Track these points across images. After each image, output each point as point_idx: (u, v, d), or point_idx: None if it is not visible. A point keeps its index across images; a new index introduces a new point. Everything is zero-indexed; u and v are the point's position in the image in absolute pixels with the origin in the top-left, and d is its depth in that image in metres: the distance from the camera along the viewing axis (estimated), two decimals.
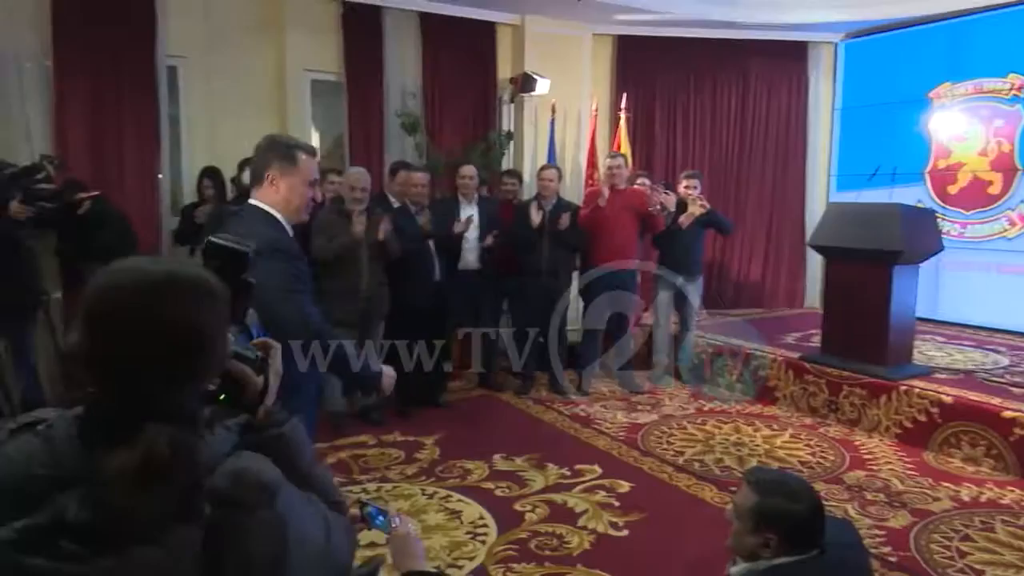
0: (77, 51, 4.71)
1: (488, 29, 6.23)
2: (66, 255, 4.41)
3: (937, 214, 6.08)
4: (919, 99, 6.76)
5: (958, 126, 6.52)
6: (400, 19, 5.78)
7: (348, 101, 5.69)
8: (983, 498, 3.60)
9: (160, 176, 5.09)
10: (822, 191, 7.50)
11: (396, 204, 4.90)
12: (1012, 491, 3.67)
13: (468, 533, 3.19)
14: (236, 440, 0.98)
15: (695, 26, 6.69)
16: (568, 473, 3.87)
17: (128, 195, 4.87)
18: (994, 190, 6.32)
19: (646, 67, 6.91)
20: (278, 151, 2.15)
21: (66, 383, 4.12)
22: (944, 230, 6.08)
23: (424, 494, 3.59)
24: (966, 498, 3.60)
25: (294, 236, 2.25)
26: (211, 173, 4.92)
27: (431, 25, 5.91)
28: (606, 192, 5.15)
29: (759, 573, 1.63)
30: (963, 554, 3.02)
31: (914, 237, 4.54)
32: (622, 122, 6.42)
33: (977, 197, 6.43)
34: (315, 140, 6.15)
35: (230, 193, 4.89)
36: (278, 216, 2.14)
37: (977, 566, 2.92)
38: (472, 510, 3.42)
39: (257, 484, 0.86)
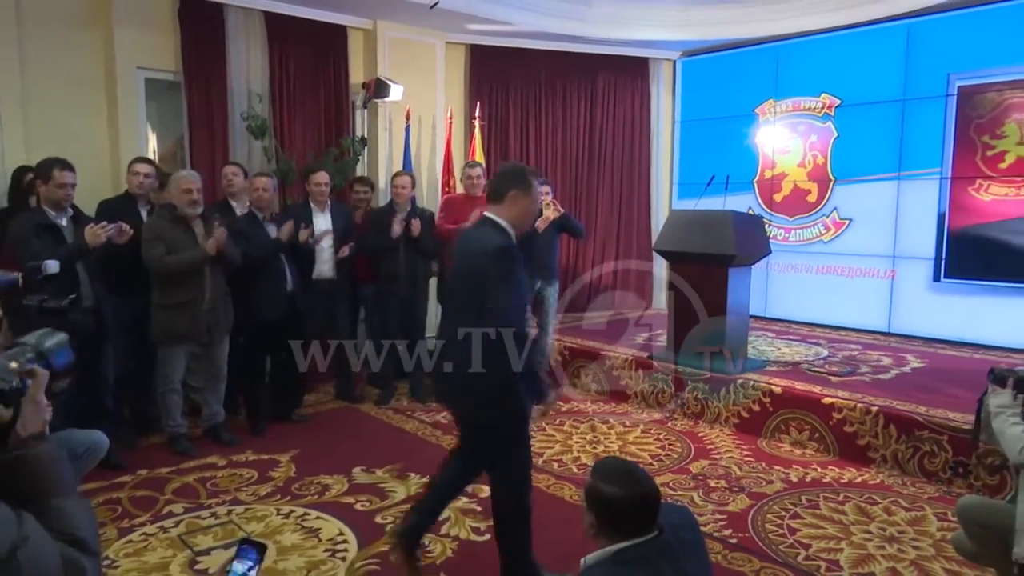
0: None
1: (339, 32, 6.09)
2: None
3: (765, 220, 6.65)
4: (748, 114, 7.36)
5: (781, 140, 7.16)
6: (243, 17, 5.51)
7: (187, 102, 5.35)
8: (808, 478, 3.96)
9: None
10: (666, 198, 7.98)
11: (242, 211, 4.67)
12: (832, 470, 4.07)
13: (327, 551, 3.09)
14: None
15: (545, 39, 6.91)
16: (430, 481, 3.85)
17: None
18: (812, 199, 6.99)
19: (499, 76, 7.04)
20: (521, 177, 2.67)
21: None
22: (771, 235, 6.66)
23: (279, 514, 3.44)
24: (795, 479, 3.94)
25: None
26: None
27: (278, 25, 5.69)
28: (475, 216, 5.12)
29: (606, 557, 1.72)
30: (793, 531, 3.31)
31: (745, 242, 4.93)
32: (477, 130, 6.49)
33: (798, 205, 7.08)
34: (152, 142, 5.75)
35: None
36: (508, 228, 2.63)
37: (805, 540, 3.21)
38: (331, 527, 3.32)
39: None
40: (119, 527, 3.27)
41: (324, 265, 4.97)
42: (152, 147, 5.80)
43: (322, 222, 4.98)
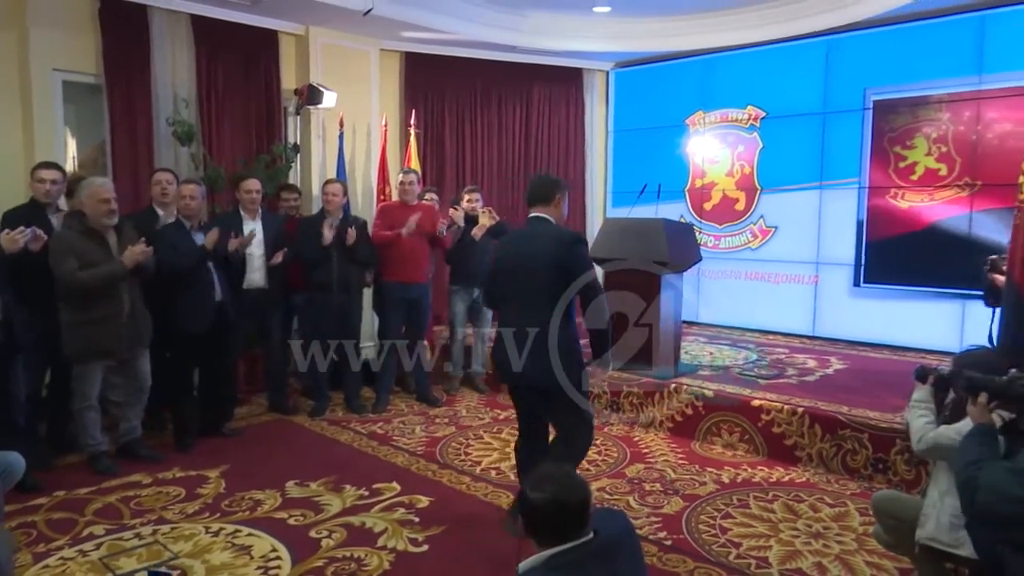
0: None
1: (270, 37, 5.97)
2: None
3: (696, 228, 6.82)
4: (678, 125, 7.55)
5: (710, 150, 7.38)
6: (169, 20, 5.34)
7: (109, 106, 5.15)
8: (739, 479, 4.07)
9: None
10: (600, 206, 8.11)
11: (170, 219, 4.51)
12: (762, 470, 4.19)
13: (259, 568, 3.00)
14: None
15: (480, 48, 6.94)
16: (366, 493, 3.79)
17: None
18: (740, 207, 7.22)
19: (434, 84, 7.03)
20: (562, 184, 3.29)
21: None
22: (702, 242, 6.84)
23: (208, 532, 3.33)
24: (726, 480, 4.04)
25: None
26: None
27: (205, 29, 5.54)
28: (413, 224, 5.13)
29: (539, 563, 1.73)
30: (725, 530, 3.39)
31: (677, 249, 5.05)
32: (412, 138, 6.46)
33: (727, 213, 7.30)
34: (71, 147, 5.52)
35: None
36: (556, 223, 3.22)
37: (736, 539, 3.30)
38: (263, 543, 3.23)
39: None
40: (34, 552, 3.11)
41: (255, 274, 4.85)
42: (71, 153, 5.56)
43: (251, 229, 4.87)
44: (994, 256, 3.66)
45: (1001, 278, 3.39)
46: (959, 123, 5.82)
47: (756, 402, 4.51)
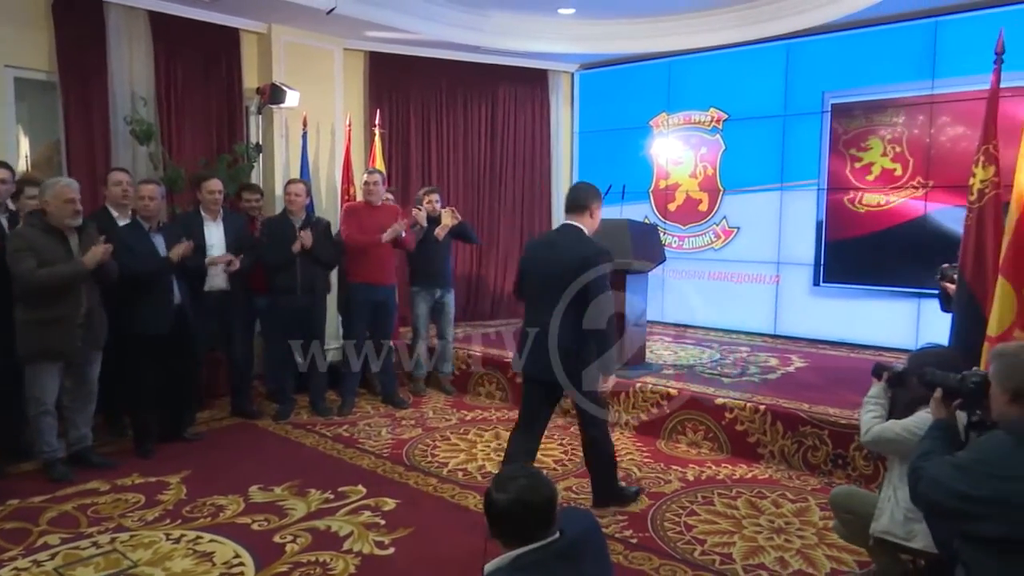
0: None
1: (231, 35, 5.88)
2: None
3: (660, 228, 6.90)
4: (643, 126, 7.62)
5: (674, 151, 7.46)
6: (126, 16, 5.22)
7: (64, 104, 5.02)
8: (704, 476, 4.12)
9: None
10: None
11: (124, 221, 4.41)
12: (726, 467, 4.25)
13: (222, 575, 2.95)
14: None
15: (445, 48, 6.92)
16: (332, 497, 3.76)
17: None
18: (703, 208, 7.31)
19: (399, 84, 7.00)
20: (599, 194, 3.41)
21: None
22: (666, 243, 6.92)
23: (169, 539, 3.26)
24: (691, 478, 4.09)
25: None
26: None
27: (164, 26, 5.43)
28: (399, 229, 5.12)
29: (505, 563, 1.74)
30: (690, 528, 3.43)
31: (642, 249, 5.09)
32: (377, 138, 6.42)
33: (691, 214, 7.39)
34: (24, 145, 5.36)
35: None
36: (588, 233, 3.32)
37: (701, 536, 3.34)
38: (226, 549, 3.17)
39: None
40: None
41: (216, 277, 4.76)
42: (24, 151, 5.40)
43: (214, 231, 4.79)
44: (945, 265, 3.78)
45: (952, 286, 3.50)
46: (913, 126, 5.98)
47: (720, 400, 4.58)
